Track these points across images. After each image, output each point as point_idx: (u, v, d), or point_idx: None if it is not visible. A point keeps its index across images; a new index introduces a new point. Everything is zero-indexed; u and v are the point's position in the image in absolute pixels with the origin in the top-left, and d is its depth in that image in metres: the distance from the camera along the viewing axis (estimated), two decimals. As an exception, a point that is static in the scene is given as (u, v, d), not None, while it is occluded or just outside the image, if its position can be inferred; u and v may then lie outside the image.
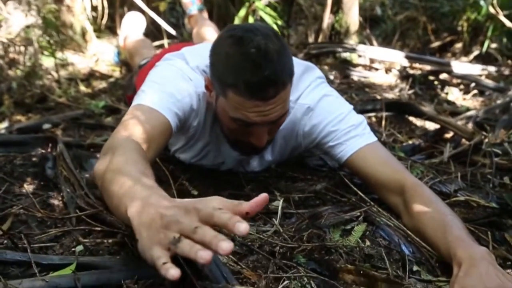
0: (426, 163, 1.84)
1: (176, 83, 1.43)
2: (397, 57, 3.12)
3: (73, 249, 1.09)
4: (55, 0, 3.50)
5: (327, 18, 3.10)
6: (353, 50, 3.04)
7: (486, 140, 1.94)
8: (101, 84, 3.06)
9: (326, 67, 3.04)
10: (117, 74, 3.30)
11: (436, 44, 4.17)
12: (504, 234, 1.33)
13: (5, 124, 2.14)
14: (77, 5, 3.59)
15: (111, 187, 1.03)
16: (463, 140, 2.11)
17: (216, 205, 0.83)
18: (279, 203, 1.39)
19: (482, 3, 3.84)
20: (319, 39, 3.22)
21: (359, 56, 3.16)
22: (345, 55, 3.12)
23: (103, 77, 3.23)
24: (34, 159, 1.66)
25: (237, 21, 3.27)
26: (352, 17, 2.92)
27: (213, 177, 1.68)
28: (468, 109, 2.73)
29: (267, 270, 1.06)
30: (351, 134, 1.53)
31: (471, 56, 3.88)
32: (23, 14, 3.20)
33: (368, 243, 1.24)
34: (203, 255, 0.76)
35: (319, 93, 1.56)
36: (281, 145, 1.64)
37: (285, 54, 1.31)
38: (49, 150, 1.65)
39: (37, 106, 2.45)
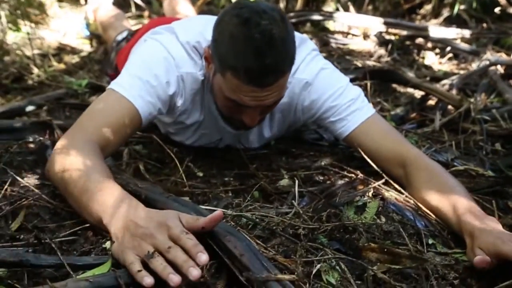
0: (420, 133, 1.88)
1: (155, 67, 1.42)
2: (376, 23, 3.14)
3: (102, 244, 1.07)
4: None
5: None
6: (331, 17, 3.03)
7: (473, 106, 1.99)
8: (74, 59, 2.96)
9: (305, 35, 3.02)
10: (88, 47, 3.20)
11: (406, 6, 4.21)
12: (508, 202, 1.39)
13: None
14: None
15: (75, 191, 1.13)
16: (449, 106, 2.16)
17: (184, 221, 0.96)
18: (292, 183, 1.42)
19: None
20: (297, 6, 3.19)
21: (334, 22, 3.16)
22: (323, 22, 3.11)
23: (75, 51, 3.13)
24: (30, 146, 1.61)
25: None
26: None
27: (217, 157, 1.68)
28: (445, 74, 2.79)
29: (295, 254, 1.08)
30: (352, 109, 1.54)
31: (441, 19, 3.94)
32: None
33: (383, 219, 1.27)
34: (174, 279, 0.86)
35: (316, 66, 1.57)
36: (279, 120, 1.64)
37: (289, 41, 1.30)
38: (46, 136, 1.60)
39: (15, 86, 2.36)
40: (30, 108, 2.08)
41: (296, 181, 1.38)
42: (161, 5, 3.43)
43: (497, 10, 3.55)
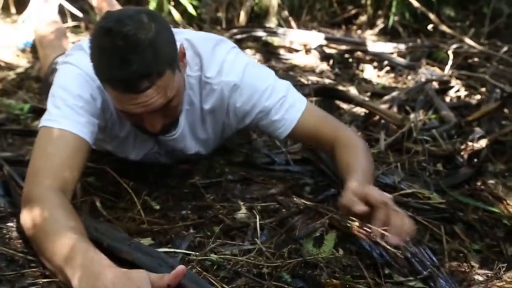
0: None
1: (74, 88, 1.41)
2: (317, 39, 3.22)
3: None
4: None
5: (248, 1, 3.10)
6: (275, 33, 3.08)
7: (414, 125, 2.09)
8: (9, 76, 2.85)
9: (248, 51, 3.06)
10: (23, 63, 3.09)
11: (341, 17, 4.34)
12: (454, 227, 1.47)
13: None
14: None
15: (47, 251, 1.14)
16: (391, 124, 2.26)
17: (151, 281, 0.98)
18: (250, 215, 1.45)
19: (383, -23, 4.03)
20: (240, 21, 3.23)
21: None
22: (266, 38, 3.16)
23: (10, 66, 3.01)
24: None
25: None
26: (272, 0, 2.95)
27: (172, 186, 1.68)
28: (384, 87, 2.90)
29: (262, 295, 1.10)
30: (286, 106, 1.57)
31: (376, 30, 4.09)
32: None
33: (341, 251, 1.32)
34: None
35: (240, 65, 1.55)
36: (211, 121, 1.63)
37: (160, 40, 1.27)
38: (-3, 174, 1.55)
39: (-52, 111, 2.26)
40: (-30, 136, 2.00)
41: (257, 216, 1.40)
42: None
43: (429, 27, 3.73)
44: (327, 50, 3.31)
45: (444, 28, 3.75)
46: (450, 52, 3.13)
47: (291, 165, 1.88)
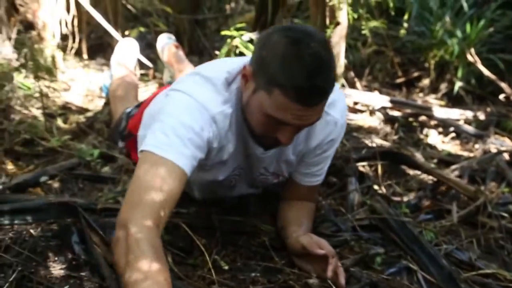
0: (438, 226, 1.89)
1: (186, 118, 1.40)
2: (382, 101, 3.20)
3: None
4: (26, 27, 3.37)
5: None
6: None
7: (488, 199, 2.02)
8: (80, 119, 2.94)
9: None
10: (92, 106, 3.19)
11: (403, 79, 4.31)
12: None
13: (0, 178, 2.01)
14: (48, 32, 3.46)
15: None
16: (462, 195, 2.19)
17: None
18: (320, 284, 1.40)
19: (449, 41, 4.01)
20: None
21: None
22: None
23: (80, 110, 3.11)
24: (52, 227, 1.57)
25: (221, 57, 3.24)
26: (340, 61, 2.96)
27: (240, 246, 1.66)
28: (450, 154, 2.83)
29: None
30: (324, 169, 1.73)
31: (439, 94, 4.04)
32: (-4, 45, 3.06)
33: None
34: None
35: (344, 106, 1.69)
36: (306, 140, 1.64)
37: (334, 65, 1.35)
38: (70, 220, 1.57)
39: (26, 152, 2.33)
40: (43, 178, 2.05)
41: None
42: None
43: (501, 96, 3.66)
44: (391, 113, 3.29)
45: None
46: (521, 123, 3.06)
47: (359, 232, 1.83)
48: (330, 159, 1.72)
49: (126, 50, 3.13)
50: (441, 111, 3.26)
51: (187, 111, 1.42)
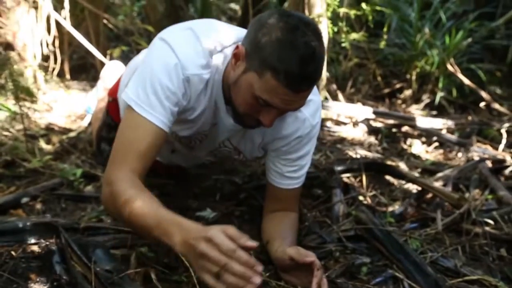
0: (423, 235, 1.89)
1: (167, 79, 1.48)
2: (365, 113, 3.22)
3: None
4: (6, 48, 3.34)
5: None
6: (325, 107, 3.10)
7: (472, 206, 2.02)
8: (63, 140, 2.91)
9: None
10: (75, 126, 3.16)
11: (386, 90, 4.34)
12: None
13: (-19, 200, 1.98)
14: (29, 53, 3.44)
15: (135, 225, 1.38)
16: (446, 204, 2.19)
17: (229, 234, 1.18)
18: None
19: (429, 53, 4.06)
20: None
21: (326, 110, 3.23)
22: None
23: (63, 131, 3.08)
24: (33, 249, 1.55)
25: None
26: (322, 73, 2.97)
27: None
28: (434, 163, 2.85)
29: None
30: (299, 174, 1.75)
31: (422, 104, 4.07)
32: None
33: None
34: (256, 279, 1.14)
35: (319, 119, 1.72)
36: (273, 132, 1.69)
37: (324, 56, 1.40)
38: (52, 240, 1.54)
39: (7, 173, 2.30)
40: (25, 199, 2.02)
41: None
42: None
43: (481, 104, 3.70)
44: (374, 124, 3.30)
45: (496, 106, 3.72)
46: (503, 131, 3.08)
47: (344, 243, 1.82)
48: (305, 163, 1.75)
49: (112, 73, 3.13)
50: (424, 121, 3.29)
51: (165, 69, 1.49)
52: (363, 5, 2.82)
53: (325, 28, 2.82)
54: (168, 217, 1.31)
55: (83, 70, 4.26)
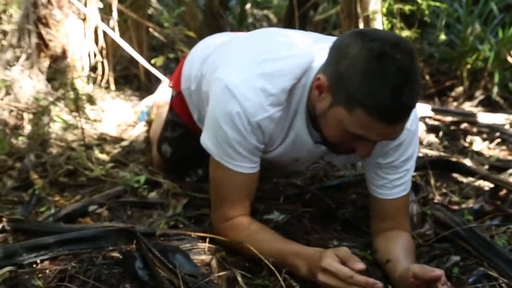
0: (508, 232, 1.80)
1: (234, 130, 1.43)
2: (424, 111, 3.14)
3: None
4: (55, 60, 3.36)
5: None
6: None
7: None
8: (115, 149, 2.91)
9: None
10: (126, 135, 3.15)
11: (434, 89, 4.23)
12: None
13: (50, 210, 1.96)
14: (78, 64, 3.46)
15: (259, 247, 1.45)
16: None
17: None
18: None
19: (480, 47, 3.93)
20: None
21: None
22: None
23: (115, 140, 3.08)
24: (113, 255, 1.51)
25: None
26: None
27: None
28: (499, 160, 2.74)
29: None
30: (404, 180, 1.60)
31: (475, 102, 3.95)
32: (30, 79, 3.06)
33: None
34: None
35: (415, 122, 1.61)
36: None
37: (419, 77, 1.27)
38: (132, 246, 1.51)
39: (70, 182, 2.29)
40: (92, 208, 2.01)
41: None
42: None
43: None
44: (430, 122, 3.21)
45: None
46: None
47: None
48: (410, 168, 1.61)
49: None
50: (485, 117, 3.17)
51: (230, 121, 1.43)
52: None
53: (380, 25, 2.74)
54: (288, 250, 1.42)
55: (127, 81, 4.27)
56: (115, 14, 3.57)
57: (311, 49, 1.49)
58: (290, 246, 1.44)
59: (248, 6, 6.10)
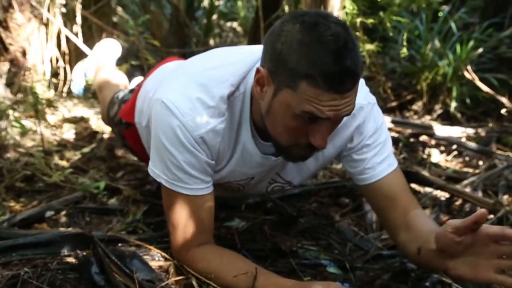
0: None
1: (179, 148, 1.36)
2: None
3: None
4: (15, 64, 3.30)
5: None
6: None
7: (508, 209, 1.98)
8: (75, 156, 2.86)
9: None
10: (87, 142, 3.11)
11: (395, 103, 4.32)
12: None
13: (4, 215, 1.91)
14: (39, 70, 3.40)
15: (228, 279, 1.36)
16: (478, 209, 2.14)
17: None
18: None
19: (440, 63, 4.05)
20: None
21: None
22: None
23: (75, 147, 3.03)
24: (68, 260, 1.49)
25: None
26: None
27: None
28: (455, 172, 2.81)
29: None
30: (384, 153, 1.50)
31: (434, 115, 4.05)
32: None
33: None
34: None
35: (370, 96, 1.54)
36: (328, 149, 1.49)
37: (357, 44, 1.21)
38: (89, 251, 1.48)
39: (26, 188, 2.24)
40: (49, 213, 1.97)
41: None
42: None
43: (503, 111, 3.68)
44: (391, 134, 3.26)
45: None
46: (524, 137, 3.05)
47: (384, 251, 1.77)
48: (385, 139, 1.51)
49: (107, 50, 3.03)
50: (442, 129, 3.25)
51: (173, 140, 1.36)
52: (381, 13, 2.79)
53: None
54: (266, 282, 1.32)
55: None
56: (78, 19, 3.52)
57: (247, 55, 1.43)
58: (269, 277, 1.34)
59: (214, 17, 6.14)
